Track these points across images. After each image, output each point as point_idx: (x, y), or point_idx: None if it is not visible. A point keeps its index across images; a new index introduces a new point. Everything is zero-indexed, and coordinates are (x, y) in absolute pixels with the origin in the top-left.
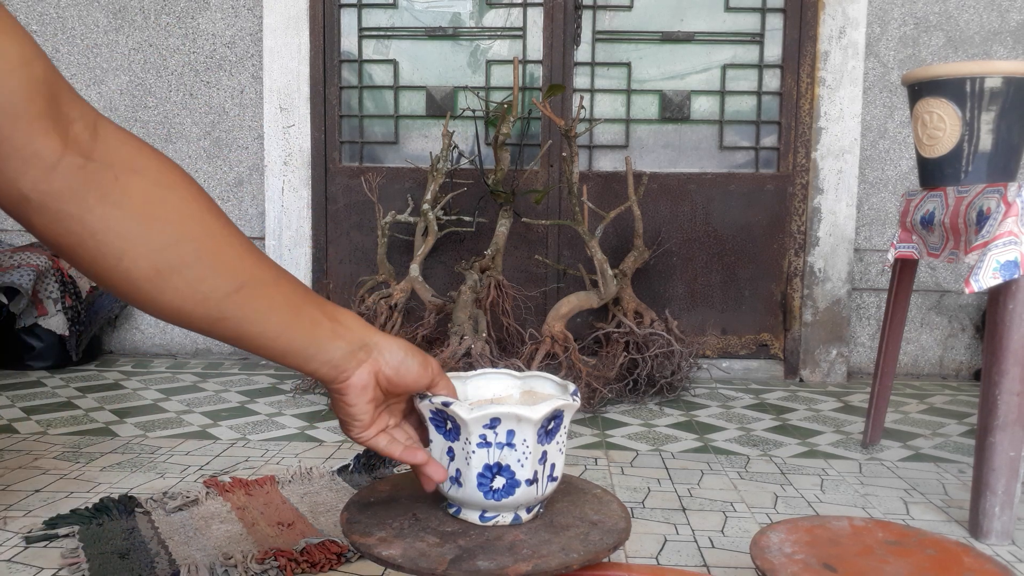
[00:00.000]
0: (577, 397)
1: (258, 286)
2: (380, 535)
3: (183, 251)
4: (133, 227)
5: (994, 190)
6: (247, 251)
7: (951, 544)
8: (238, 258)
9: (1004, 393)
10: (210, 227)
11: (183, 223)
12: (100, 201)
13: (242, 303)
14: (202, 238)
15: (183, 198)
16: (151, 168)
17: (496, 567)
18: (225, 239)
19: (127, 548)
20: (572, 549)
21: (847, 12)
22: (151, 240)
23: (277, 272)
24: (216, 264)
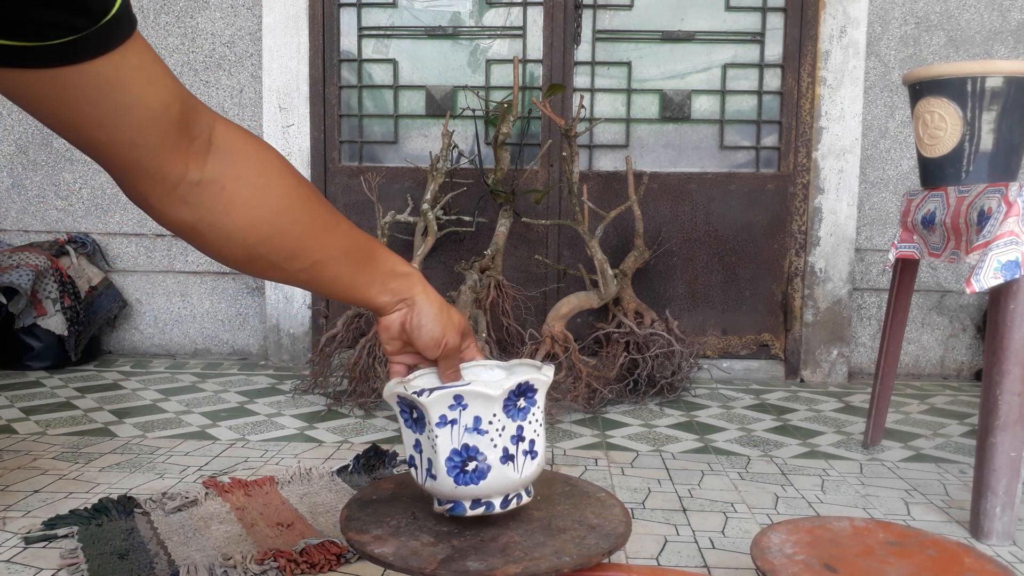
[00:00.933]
0: (549, 371)
1: (328, 262)
2: (376, 533)
3: (272, 245)
4: (234, 231)
5: (995, 190)
6: (327, 230)
7: (952, 545)
8: (316, 241)
9: (1005, 393)
10: (298, 219)
11: (275, 221)
12: (209, 211)
13: (312, 274)
14: (289, 231)
15: (277, 196)
16: (251, 171)
17: (486, 568)
18: (308, 226)
19: (126, 549)
20: (565, 552)
21: (848, 11)
22: (247, 238)
23: (350, 242)
24: (298, 250)
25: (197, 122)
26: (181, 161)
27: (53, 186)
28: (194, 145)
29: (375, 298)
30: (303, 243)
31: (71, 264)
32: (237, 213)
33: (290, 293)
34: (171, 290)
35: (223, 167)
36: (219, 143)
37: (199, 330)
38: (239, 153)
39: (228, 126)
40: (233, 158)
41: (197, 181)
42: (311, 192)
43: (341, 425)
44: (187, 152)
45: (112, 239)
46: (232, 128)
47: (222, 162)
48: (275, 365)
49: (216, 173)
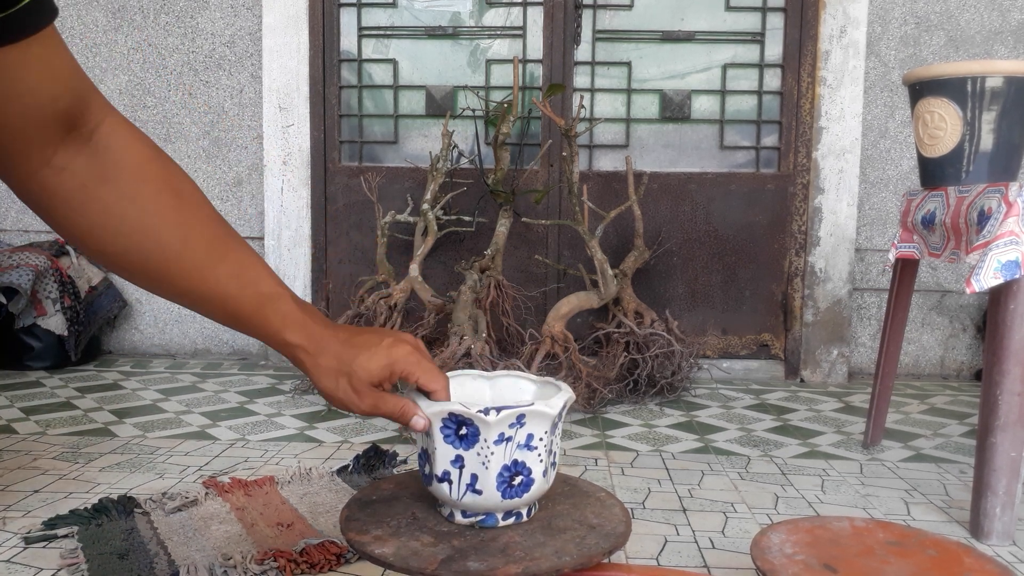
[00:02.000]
0: (567, 388)
1: (200, 302)
2: (376, 533)
3: (130, 261)
4: (87, 235)
5: (995, 190)
6: (202, 267)
7: (952, 545)
8: (184, 275)
9: (1005, 393)
10: (165, 244)
11: (136, 238)
12: (64, 203)
13: (186, 303)
14: (152, 254)
15: (145, 212)
16: (123, 177)
17: (486, 568)
18: (177, 256)
19: (126, 549)
20: (566, 552)
21: (848, 11)
22: (103, 246)
23: (230, 290)
24: (161, 278)
25: (84, 115)
26: (51, 148)
27: None
28: (70, 135)
29: (270, 345)
30: (167, 272)
31: (71, 264)
32: (92, 216)
33: None
34: None
35: (91, 165)
36: (99, 141)
37: (199, 330)
38: (116, 156)
39: (119, 128)
40: (107, 159)
41: (60, 169)
42: (198, 219)
43: (341, 425)
44: (60, 142)
45: None
46: (123, 131)
47: (93, 160)
48: (275, 365)
49: (81, 168)
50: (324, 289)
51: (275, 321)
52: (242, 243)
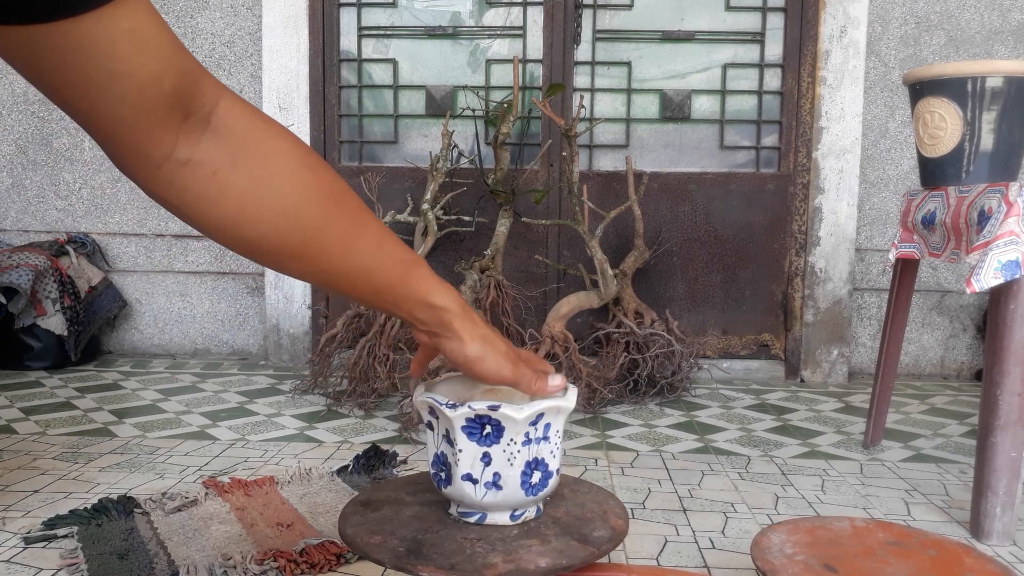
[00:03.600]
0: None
1: (341, 275)
2: (376, 534)
3: (270, 245)
4: (224, 223)
5: (995, 190)
6: (343, 242)
7: (952, 545)
8: (326, 251)
9: (1005, 393)
10: (305, 223)
11: (274, 220)
12: (196, 197)
13: (323, 281)
14: (291, 235)
15: (281, 193)
16: (251, 159)
17: (487, 568)
18: (318, 234)
19: (126, 549)
20: (565, 551)
21: (848, 11)
22: (241, 232)
23: (372, 261)
24: (302, 255)
25: (197, 97)
26: (169, 138)
27: (53, 186)
28: (188, 122)
29: (404, 318)
30: (308, 250)
31: (71, 264)
32: (229, 204)
33: (290, 293)
34: (171, 290)
35: (218, 151)
36: (219, 124)
37: (199, 330)
38: (240, 137)
39: (236, 106)
40: (232, 142)
41: (185, 161)
42: (331, 194)
43: (341, 425)
44: (178, 129)
45: (112, 239)
46: (241, 109)
47: (218, 145)
48: (275, 365)
49: (208, 156)
50: (324, 290)
51: (421, 285)
52: (373, 215)
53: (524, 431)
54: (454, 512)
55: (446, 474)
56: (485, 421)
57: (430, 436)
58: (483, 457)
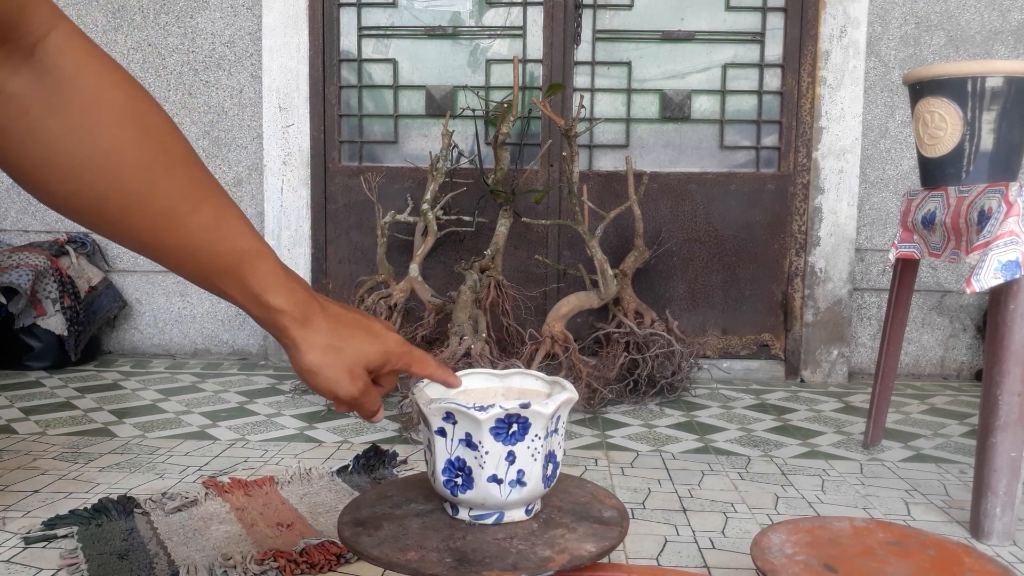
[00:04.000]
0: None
1: (165, 252)
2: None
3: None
4: (31, 169)
5: (995, 190)
6: (171, 214)
7: (952, 545)
8: (148, 222)
9: (1005, 393)
10: (127, 187)
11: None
12: (2, 135)
13: (148, 253)
14: (110, 198)
15: (104, 149)
16: (76, 103)
17: (487, 568)
18: (141, 200)
19: (126, 549)
20: (565, 551)
21: (848, 11)
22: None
23: (201, 239)
24: (121, 224)
25: (20, 24)
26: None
27: None
28: (4, 48)
29: (242, 309)
30: (127, 218)
31: (71, 264)
32: (37, 149)
33: None
34: (171, 290)
35: (35, 87)
36: (45, 57)
37: (199, 330)
38: (66, 78)
39: (70, 42)
40: (55, 81)
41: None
42: (164, 160)
43: (341, 425)
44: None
45: None
46: (75, 46)
47: (37, 81)
48: (275, 365)
49: (21, 90)
50: (324, 289)
51: (255, 281)
52: (220, 191)
53: (545, 426)
54: (466, 516)
55: (464, 479)
56: (513, 420)
57: (441, 442)
58: (508, 456)
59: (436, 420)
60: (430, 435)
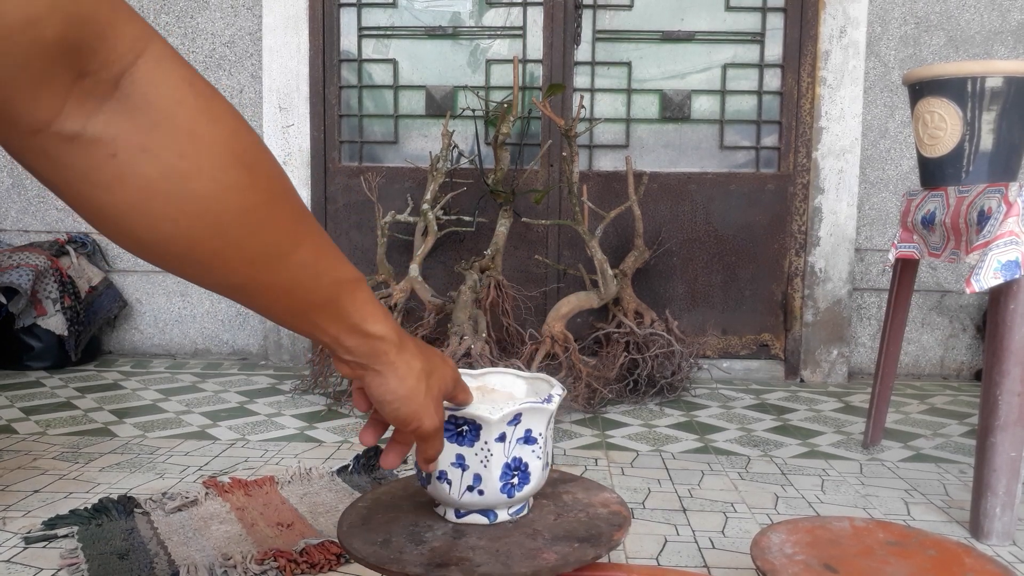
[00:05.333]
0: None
1: (259, 291)
2: (371, 537)
3: (176, 250)
4: (118, 216)
5: (995, 190)
6: (270, 255)
7: (952, 545)
8: (246, 264)
9: (1005, 393)
10: (227, 231)
11: (188, 223)
12: (82, 179)
13: (237, 296)
14: (206, 243)
15: (203, 194)
16: (172, 144)
17: (487, 569)
18: (240, 244)
19: (126, 549)
20: (565, 551)
21: (848, 12)
22: (137, 231)
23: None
24: (216, 267)
25: (99, 52)
26: (50, 102)
27: None
28: (82, 84)
29: (326, 343)
30: (224, 261)
31: (71, 264)
32: (127, 195)
33: None
34: (171, 290)
35: (124, 127)
36: (133, 91)
37: (199, 330)
38: (161, 113)
39: (161, 69)
40: (148, 118)
41: (73, 135)
42: (268, 200)
43: (341, 425)
44: (66, 92)
45: None
46: (168, 74)
47: (125, 119)
48: (275, 365)
49: (108, 132)
50: None
51: (354, 311)
52: (315, 223)
53: (499, 432)
54: (441, 512)
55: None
56: (460, 422)
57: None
58: (457, 459)
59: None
60: None
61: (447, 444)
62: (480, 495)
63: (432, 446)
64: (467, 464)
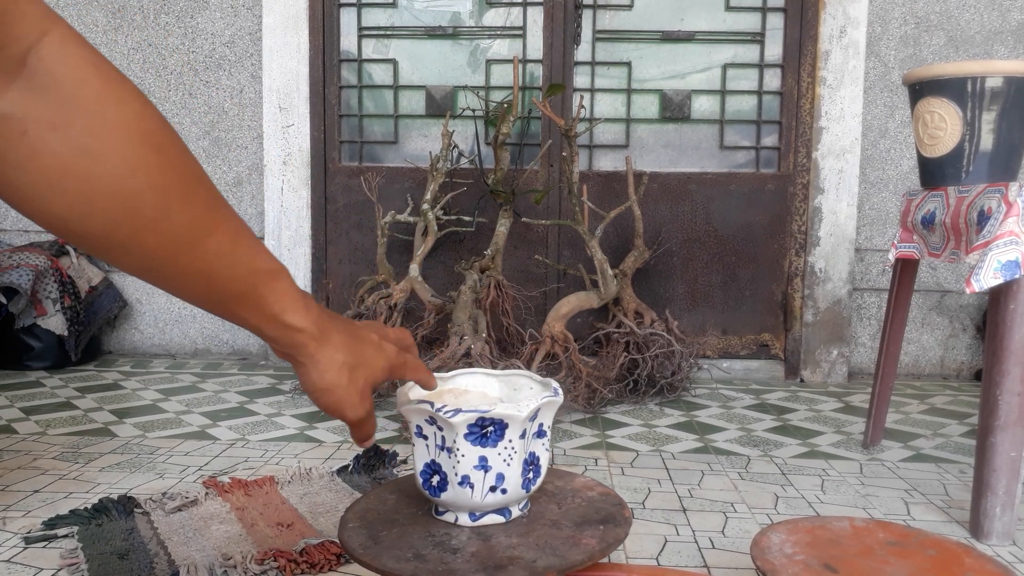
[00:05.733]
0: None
1: (176, 276)
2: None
3: (90, 229)
4: (32, 195)
5: (995, 190)
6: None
7: (952, 545)
8: (161, 247)
9: (1005, 393)
10: (139, 211)
11: (100, 203)
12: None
13: (154, 279)
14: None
15: (111, 171)
16: (80, 122)
17: (488, 570)
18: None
19: (126, 549)
20: (565, 551)
21: (848, 11)
22: (52, 208)
23: (218, 264)
24: (130, 247)
25: (7, 29)
26: None
27: None
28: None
29: (252, 331)
30: (138, 244)
31: (71, 264)
32: (40, 174)
33: None
34: None
35: (33, 104)
36: (40, 68)
37: (199, 330)
38: (69, 92)
39: (69, 48)
40: (56, 96)
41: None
42: (179, 182)
43: (341, 425)
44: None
45: None
46: (75, 54)
47: (34, 97)
48: (275, 365)
49: (17, 109)
50: (324, 289)
51: (273, 302)
52: (231, 211)
53: (522, 429)
54: (444, 515)
55: (440, 481)
56: (485, 423)
57: (421, 444)
58: (480, 461)
59: (417, 420)
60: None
61: (470, 447)
62: (503, 494)
63: (361, 431)
64: (490, 465)
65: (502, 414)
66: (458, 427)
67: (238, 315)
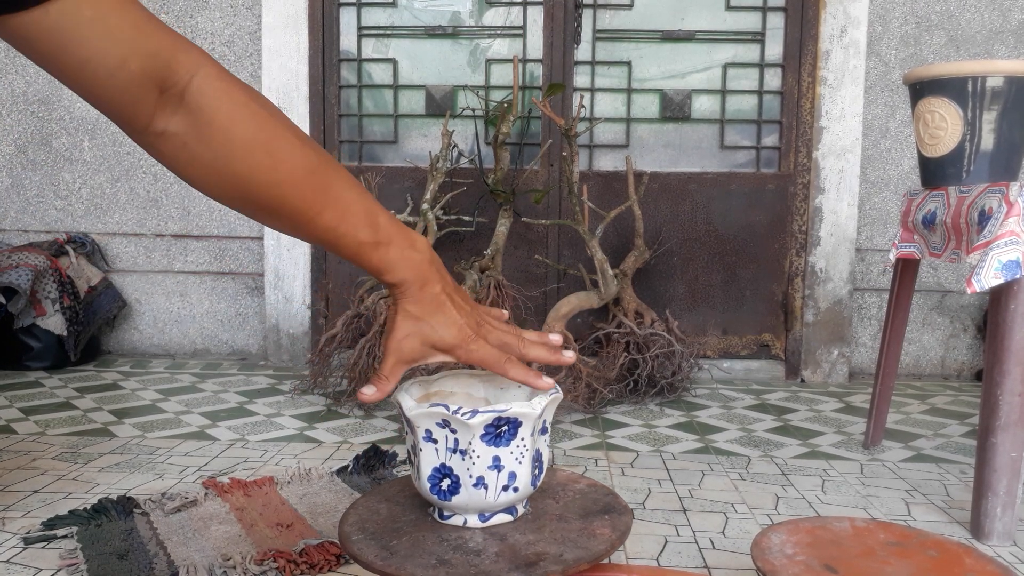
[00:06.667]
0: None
1: (310, 239)
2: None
3: (246, 203)
4: (203, 184)
5: (996, 190)
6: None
7: (952, 545)
8: (287, 224)
9: (1006, 393)
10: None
11: (240, 185)
12: (174, 161)
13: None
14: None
15: (238, 169)
16: (215, 137)
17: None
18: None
19: (125, 549)
20: (566, 552)
21: (848, 11)
22: (220, 192)
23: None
24: (268, 220)
25: (170, 76)
26: (146, 111)
27: (52, 186)
28: (163, 98)
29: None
30: (272, 219)
31: (70, 264)
32: (198, 170)
33: (289, 293)
34: (170, 290)
35: (187, 126)
36: (191, 100)
37: (198, 330)
38: (208, 115)
39: (206, 84)
40: (200, 119)
41: (160, 132)
42: (291, 178)
43: (341, 425)
44: (154, 104)
45: (111, 239)
46: (210, 87)
47: (188, 121)
48: (275, 365)
49: (179, 129)
50: (324, 289)
51: (374, 265)
52: (344, 193)
53: (532, 426)
54: (443, 516)
55: (451, 484)
56: (500, 422)
57: (430, 448)
58: (494, 460)
59: (426, 425)
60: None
61: (485, 448)
62: (515, 492)
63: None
64: (503, 464)
65: (518, 412)
66: (475, 428)
67: (359, 265)
